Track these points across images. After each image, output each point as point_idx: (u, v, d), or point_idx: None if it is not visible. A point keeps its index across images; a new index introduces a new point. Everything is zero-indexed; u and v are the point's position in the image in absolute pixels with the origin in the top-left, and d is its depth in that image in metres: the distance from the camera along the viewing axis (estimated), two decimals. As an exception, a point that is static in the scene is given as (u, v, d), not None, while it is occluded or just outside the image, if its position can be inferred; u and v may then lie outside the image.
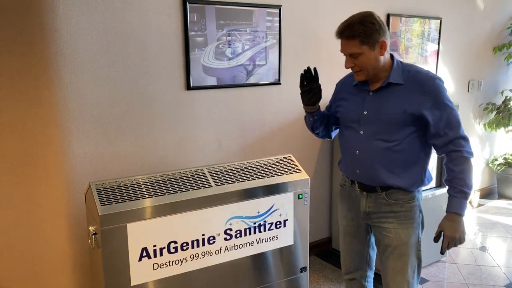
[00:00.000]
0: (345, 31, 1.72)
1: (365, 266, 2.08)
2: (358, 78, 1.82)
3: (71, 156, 2.24)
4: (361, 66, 1.76)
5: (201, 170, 2.22)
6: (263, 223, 2.26)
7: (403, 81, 1.78)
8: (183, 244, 2.06)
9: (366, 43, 1.71)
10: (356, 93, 1.91)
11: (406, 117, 1.75)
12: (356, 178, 1.92)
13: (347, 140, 1.94)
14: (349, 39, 1.72)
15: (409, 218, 1.85)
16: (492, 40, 4.39)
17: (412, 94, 1.76)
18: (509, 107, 4.43)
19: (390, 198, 1.85)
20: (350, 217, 2.02)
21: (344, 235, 2.08)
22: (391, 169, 1.81)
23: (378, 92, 1.83)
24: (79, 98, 2.22)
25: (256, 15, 2.71)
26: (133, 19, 2.30)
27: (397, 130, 1.78)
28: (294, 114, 3.04)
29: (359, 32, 1.70)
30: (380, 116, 1.80)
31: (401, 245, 1.85)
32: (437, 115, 1.74)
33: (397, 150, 1.79)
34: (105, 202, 1.89)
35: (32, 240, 2.21)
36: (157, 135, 2.49)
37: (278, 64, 2.87)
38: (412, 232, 1.85)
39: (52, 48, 2.11)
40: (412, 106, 1.74)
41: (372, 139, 1.82)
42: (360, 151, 1.87)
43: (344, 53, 1.78)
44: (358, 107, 1.87)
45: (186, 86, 2.53)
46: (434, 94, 1.74)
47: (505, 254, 3.41)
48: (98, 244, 1.91)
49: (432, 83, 1.75)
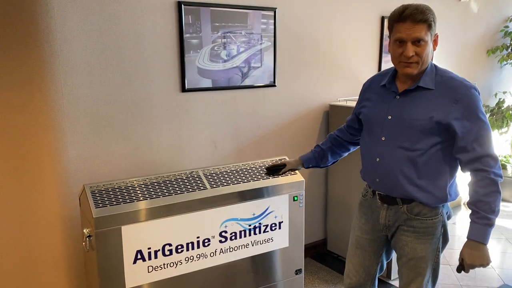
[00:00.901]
0: (417, 14, 1.57)
1: (369, 285, 1.96)
2: (409, 71, 1.65)
3: (65, 158, 2.23)
4: (420, 56, 1.61)
5: (196, 172, 2.22)
6: (258, 225, 2.26)
7: (434, 86, 1.65)
8: (178, 247, 2.05)
9: (430, 32, 1.61)
10: (382, 94, 1.78)
11: (432, 125, 1.63)
12: (376, 187, 1.81)
13: (368, 145, 1.84)
14: (418, 23, 1.58)
15: (429, 234, 1.74)
16: (486, 42, 4.42)
17: (442, 101, 1.63)
18: (503, 109, 4.46)
19: (412, 213, 1.73)
20: (365, 229, 1.90)
21: (355, 247, 1.94)
22: (412, 181, 1.69)
23: (405, 96, 1.71)
24: (73, 100, 2.21)
25: (251, 18, 2.71)
26: (128, 21, 2.30)
27: (421, 138, 1.65)
28: (289, 116, 3.04)
29: (432, 17, 1.59)
30: (404, 122, 1.68)
31: (416, 258, 1.77)
32: (467, 127, 1.60)
33: (420, 161, 1.67)
34: (100, 204, 1.89)
35: (26, 242, 2.20)
36: (152, 137, 2.48)
37: (273, 67, 2.88)
38: (430, 247, 1.75)
39: (46, 49, 2.10)
40: (440, 114, 1.61)
41: (394, 146, 1.71)
42: (380, 159, 1.76)
43: (407, 38, 1.60)
44: (382, 111, 1.75)
45: (181, 88, 2.53)
46: (467, 103, 1.60)
47: (499, 255, 3.43)
48: (92, 246, 1.90)
49: (466, 92, 1.62)
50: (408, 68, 1.65)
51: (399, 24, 1.61)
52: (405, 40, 1.61)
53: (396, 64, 1.71)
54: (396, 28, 1.64)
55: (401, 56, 1.64)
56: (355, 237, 1.94)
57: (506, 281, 3.02)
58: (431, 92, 1.66)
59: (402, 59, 1.64)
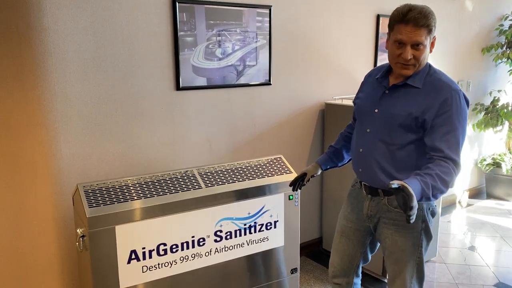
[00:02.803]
0: (420, 19, 1.58)
1: (352, 273, 2.02)
2: (406, 72, 1.68)
3: (58, 157, 2.21)
4: (417, 59, 1.65)
5: (190, 171, 2.21)
6: (253, 225, 2.25)
7: (421, 85, 1.68)
8: (172, 246, 2.04)
9: (429, 36, 1.63)
10: (375, 88, 1.83)
11: (410, 121, 1.67)
12: (360, 177, 1.88)
13: (356, 136, 1.90)
14: (420, 28, 1.59)
15: (408, 228, 1.77)
16: (481, 41, 4.43)
17: (424, 99, 1.66)
18: (497, 107, 4.48)
19: (391, 205, 1.78)
20: (351, 218, 1.96)
21: (340, 235, 2.00)
22: (390, 174, 1.74)
23: (393, 91, 1.75)
24: (66, 99, 2.19)
25: (246, 15, 2.70)
26: (122, 18, 2.28)
27: (400, 133, 1.70)
28: (285, 114, 3.03)
29: (433, 23, 1.61)
30: (387, 116, 1.73)
31: (397, 252, 1.81)
32: (439, 127, 1.62)
33: (398, 155, 1.72)
34: (93, 204, 1.87)
35: (19, 242, 2.18)
36: (146, 135, 2.46)
37: (269, 65, 2.86)
38: (411, 241, 1.78)
39: (39, 47, 2.08)
40: (419, 111, 1.65)
41: (376, 139, 1.77)
42: (363, 150, 1.82)
43: (407, 41, 1.62)
44: (371, 104, 1.81)
45: (176, 86, 2.51)
46: (445, 103, 1.62)
47: (494, 253, 3.44)
48: (86, 246, 1.88)
49: (449, 94, 1.63)
50: (405, 70, 1.69)
51: (401, 25, 1.62)
52: (405, 42, 1.63)
53: (393, 64, 1.74)
54: (397, 29, 1.64)
55: (399, 58, 1.66)
56: (341, 226, 2.00)
57: (501, 279, 3.03)
58: (418, 90, 1.69)
59: (400, 60, 1.67)
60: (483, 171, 4.69)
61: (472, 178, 4.78)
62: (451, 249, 3.51)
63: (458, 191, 4.63)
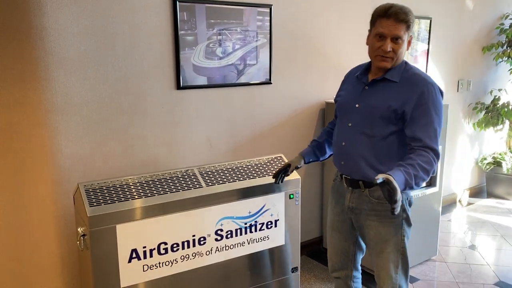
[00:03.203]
0: (400, 14, 1.72)
1: (350, 266, 2.09)
2: (384, 64, 1.79)
3: (59, 156, 2.21)
4: (395, 52, 1.76)
5: (191, 170, 2.21)
6: (254, 224, 2.25)
7: (398, 80, 1.79)
8: (173, 245, 2.04)
9: (407, 32, 1.76)
10: (355, 85, 1.93)
11: (390, 113, 1.77)
12: (342, 170, 1.96)
13: (337, 131, 1.98)
14: (400, 23, 1.73)
15: (391, 218, 1.85)
16: (481, 40, 4.43)
17: (402, 92, 1.77)
18: (498, 106, 4.47)
19: (373, 197, 1.86)
20: (336, 211, 2.04)
21: (331, 229, 2.09)
22: (373, 165, 1.82)
23: (372, 86, 1.85)
24: (67, 98, 2.19)
25: (247, 14, 2.70)
26: (122, 17, 2.28)
27: (380, 125, 1.80)
28: (285, 114, 3.03)
29: (411, 19, 1.74)
30: (367, 109, 1.83)
31: (381, 243, 1.88)
32: (417, 118, 1.73)
33: (379, 147, 1.81)
34: (94, 203, 1.87)
35: (20, 241, 2.18)
36: (146, 135, 2.46)
37: (269, 64, 2.86)
38: (394, 230, 1.86)
39: (39, 47, 2.08)
40: (397, 103, 1.75)
41: (358, 132, 1.85)
42: (346, 143, 1.90)
43: (388, 34, 1.74)
44: (352, 99, 1.90)
45: (176, 85, 2.51)
46: (422, 96, 1.73)
47: (494, 252, 3.44)
48: (87, 245, 1.88)
49: (424, 87, 1.74)
50: (384, 62, 1.79)
51: (383, 20, 1.75)
52: (386, 35, 1.75)
53: (372, 58, 1.85)
54: (379, 23, 1.77)
55: (379, 50, 1.78)
56: (330, 220, 2.09)
57: (501, 278, 3.03)
58: (396, 84, 1.80)
59: (380, 52, 1.78)
60: (483, 170, 4.69)
61: (472, 177, 4.78)
62: (452, 248, 3.52)
63: (458, 190, 4.63)
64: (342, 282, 2.13)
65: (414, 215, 1.93)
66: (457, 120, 4.41)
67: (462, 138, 4.53)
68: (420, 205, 2.96)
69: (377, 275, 1.93)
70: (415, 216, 1.94)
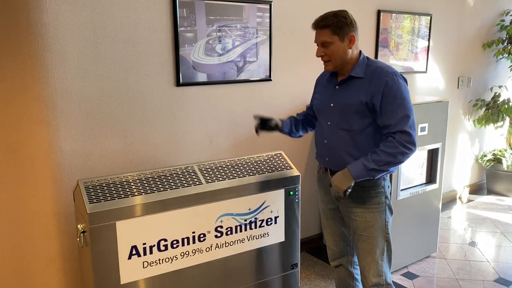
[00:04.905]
0: (319, 22, 1.89)
1: (350, 251, 2.18)
2: (326, 68, 1.96)
3: (59, 153, 2.21)
4: (330, 56, 1.90)
5: (191, 167, 2.21)
6: (254, 220, 2.25)
7: (363, 75, 1.90)
8: (173, 242, 2.04)
9: (337, 34, 1.86)
10: (327, 87, 2.06)
11: (362, 107, 1.88)
12: (327, 165, 2.06)
13: (318, 130, 2.10)
14: (322, 29, 1.88)
15: (375, 204, 1.96)
16: (482, 36, 4.42)
17: (369, 86, 1.88)
18: (498, 103, 4.47)
19: (357, 185, 1.94)
20: (326, 200, 2.14)
21: (325, 218, 2.18)
22: (354, 156, 1.93)
23: (341, 85, 1.97)
24: (66, 95, 2.19)
25: (247, 11, 2.69)
26: (122, 14, 2.27)
27: (356, 120, 1.91)
28: (285, 110, 3.03)
29: (331, 23, 1.86)
30: (342, 107, 1.94)
31: (367, 228, 1.98)
32: (385, 106, 1.84)
33: (358, 139, 1.92)
34: (94, 200, 1.87)
35: (20, 239, 2.18)
36: (146, 132, 2.46)
37: (269, 61, 2.86)
38: (379, 216, 1.97)
39: (39, 43, 2.08)
40: (367, 97, 1.86)
41: (337, 129, 1.97)
42: (327, 141, 2.02)
43: (317, 43, 1.92)
44: (326, 100, 2.02)
45: (176, 82, 2.51)
46: (386, 86, 1.84)
47: (494, 249, 3.44)
48: (87, 242, 1.88)
49: (387, 77, 1.85)
50: (325, 66, 1.96)
51: (314, 31, 1.93)
52: (316, 43, 1.93)
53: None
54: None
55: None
56: (322, 210, 2.20)
57: (501, 274, 3.03)
58: (362, 80, 1.91)
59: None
60: (483, 167, 4.69)
61: (472, 174, 4.78)
62: (452, 244, 3.52)
63: (458, 186, 4.63)
64: (343, 268, 2.20)
65: (414, 212, 1.95)
66: (457, 117, 4.41)
67: (462, 135, 4.53)
68: (420, 202, 2.96)
69: (362, 259, 2.02)
70: (415, 213, 1.94)
